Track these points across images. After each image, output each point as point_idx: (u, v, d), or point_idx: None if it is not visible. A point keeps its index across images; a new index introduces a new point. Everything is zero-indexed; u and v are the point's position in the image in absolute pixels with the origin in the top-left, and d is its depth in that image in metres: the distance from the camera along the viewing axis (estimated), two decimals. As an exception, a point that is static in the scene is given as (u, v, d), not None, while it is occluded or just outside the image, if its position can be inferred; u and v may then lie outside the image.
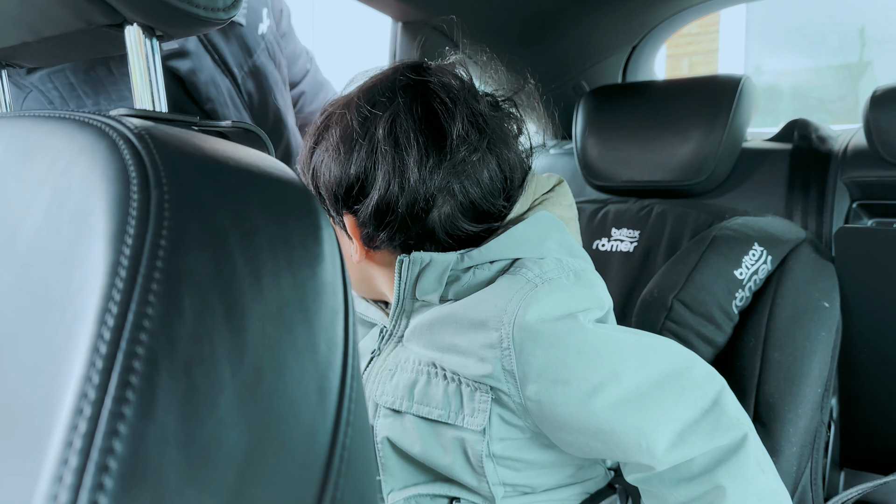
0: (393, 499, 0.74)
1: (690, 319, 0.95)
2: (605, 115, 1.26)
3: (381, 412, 0.73)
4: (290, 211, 0.36)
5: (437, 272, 0.70)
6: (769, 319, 0.95)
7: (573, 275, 0.72)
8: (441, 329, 0.70)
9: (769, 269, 0.98)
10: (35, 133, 0.37)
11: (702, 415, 0.66)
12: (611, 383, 0.65)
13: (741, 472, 0.65)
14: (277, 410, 0.31)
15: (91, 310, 0.27)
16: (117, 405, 0.26)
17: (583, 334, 0.66)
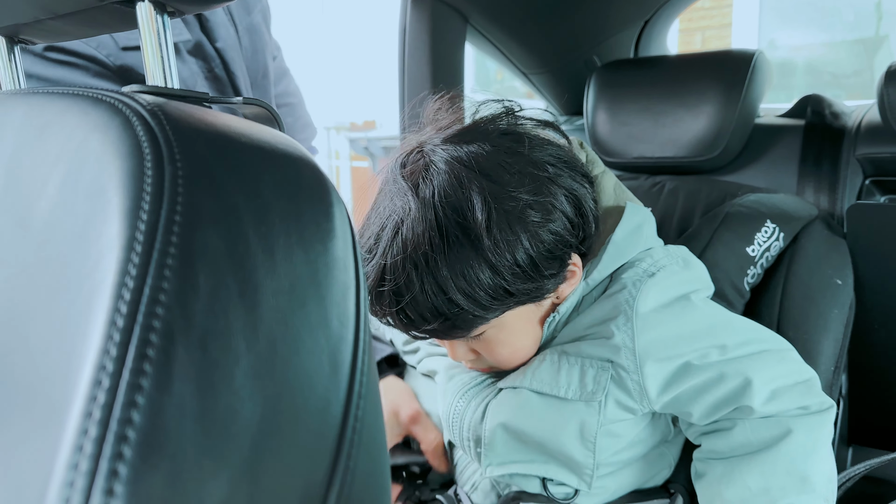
0: (490, 472, 0.79)
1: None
2: (616, 91, 1.25)
3: (500, 393, 0.78)
4: (302, 187, 0.36)
5: (574, 302, 0.77)
6: (782, 298, 0.95)
7: (681, 260, 0.80)
8: (573, 330, 0.76)
9: (781, 247, 0.98)
10: (49, 110, 0.38)
11: (796, 383, 0.72)
12: (717, 352, 0.71)
13: (816, 428, 0.70)
14: (291, 383, 0.31)
15: (107, 285, 0.28)
16: (135, 377, 0.26)
17: (695, 312, 0.74)
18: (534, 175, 0.69)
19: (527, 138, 0.72)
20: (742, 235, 0.96)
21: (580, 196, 0.72)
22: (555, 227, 0.69)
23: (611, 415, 0.73)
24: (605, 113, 1.25)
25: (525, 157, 0.69)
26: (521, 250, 0.66)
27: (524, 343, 0.77)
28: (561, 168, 0.72)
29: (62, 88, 0.40)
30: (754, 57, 1.15)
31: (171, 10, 0.42)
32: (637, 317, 0.71)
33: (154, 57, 0.43)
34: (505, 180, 0.66)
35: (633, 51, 1.53)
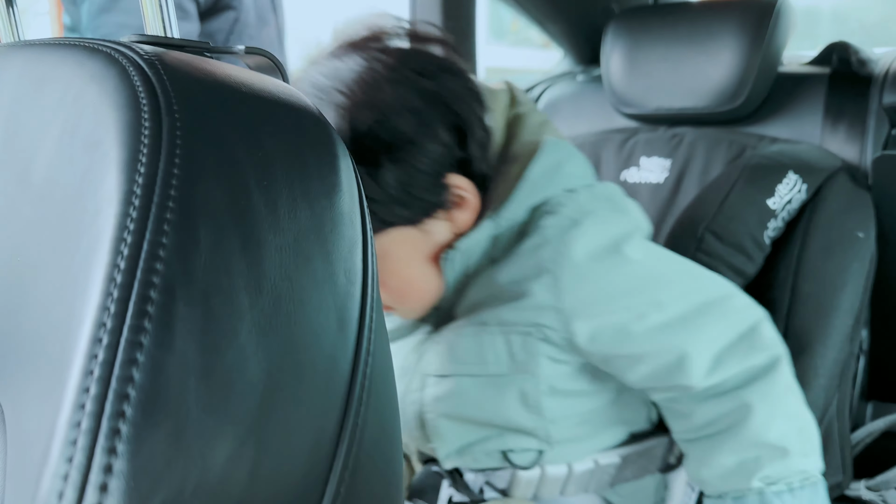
0: (449, 463, 0.77)
1: (721, 250, 0.93)
2: (634, 39, 1.21)
3: (428, 382, 0.74)
4: (306, 139, 0.35)
5: (481, 242, 0.72)
6: (800, 250, 0.93)
7: (607, 201, 0.74)
8: (489, 283, 0.72)
9: (804, 199, 0.96)
10: (46, 62, 0.36)
11: (738, 338, 0.69)
12: (654, 311, 0.68)
13: (770, 391, 0.68)
14: (297, 340, 0.30)
15: (106, 239, 0.27)
16: (135, 334, 0.26)
17: (627, 268, 0.69)
18: (401, 87, 0.66)
19: (405, 53, 0.70)
20: (762, 187, 0.94)
21: (462, 114, 0.68)
22: (422, 141, 0.66)
23: (547, 373, 0.70)
24: (623, 62, 1.22)
25: (396, 71, 0.66)
26: (379, 167, 0.65)
27: (413, 276, 0.72)
28: (441, 82, 0.68)
29: (59, 39, 0.39)
30: (777, 3, 1.11)
31: None
32: (563, 275, 0.67)
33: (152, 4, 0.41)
34: (368, 93, 0.65)
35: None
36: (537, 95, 1.47)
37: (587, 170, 0.78)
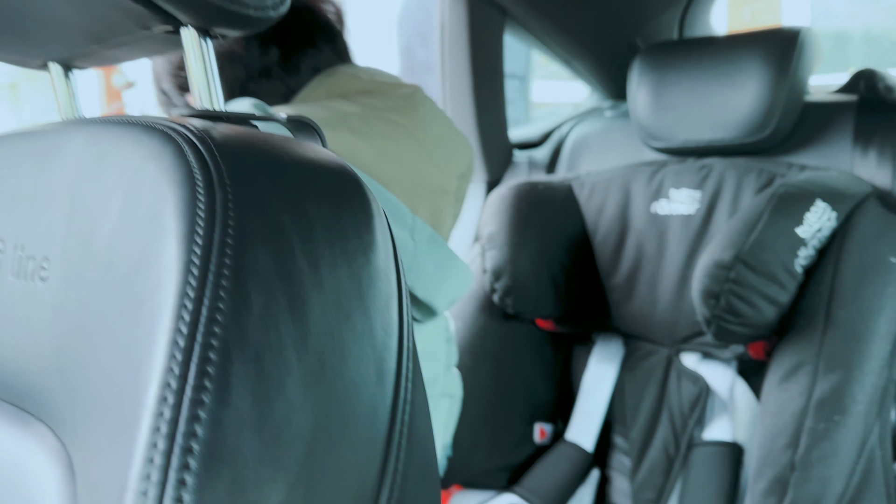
0: None
1: (753, 280, 0.94)
2: (660, 74, 1.24)
3: None
4: (344, 201, 0.38)
5: None
6: (833, 277, 0.93)
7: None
8: None
9: (834, 226, 0.96)
10: (107, 138, 0.40)
11: None
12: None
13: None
14: (340, 392, 0.33)
15: (168, 306, 0.30)
16: (197, 392, 0.28)
17: None
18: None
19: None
20: (791, 216, 0.95)
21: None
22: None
23: None
24: (649, 97, 1.24)
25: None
26: None
27: None
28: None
29: (117, 117, 0.42)
30: (801, 34, 1.12)
31: (213, 35, 0.44)
32: None
33: (200, 79, 0.45)
34: None
35: (678, 32, 1.51)
36: (566, 132, 1.49)
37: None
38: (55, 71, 0.54)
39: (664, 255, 1.17)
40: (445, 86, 1.38)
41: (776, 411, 0.92)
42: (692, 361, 1.15)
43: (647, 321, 1.18)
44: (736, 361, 1.11)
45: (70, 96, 0.55)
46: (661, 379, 1.17)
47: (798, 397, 0.90)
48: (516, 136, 1.55)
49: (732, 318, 0.96)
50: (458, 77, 1.35)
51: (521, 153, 1.53)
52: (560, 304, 1.22)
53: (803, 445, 0.87)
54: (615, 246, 1.23)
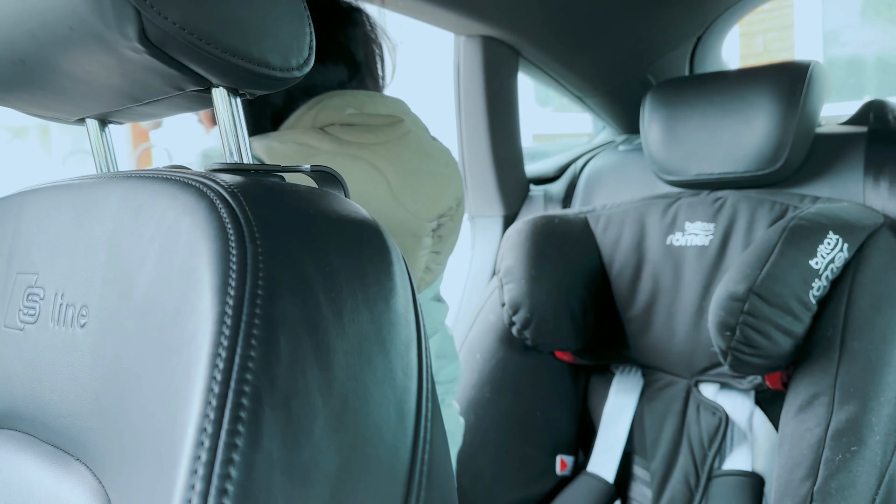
0: None
1: (767, 311, 0.95)
2: (672, 109, 1.26)
3: None
4: (365, 250, 0.40)
5: None
6: (847, 308, 0.94)
7: None
8: None
9: (846, 257, 0.97)
10: (143, 193, 0.43)
11: None
12: None
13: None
14: (363, 433, 0.35)
15: (204, 354, 0.32)
16: (231, 437, 0.31)
17: None
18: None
19: None
20: (804, 248, 0.96)
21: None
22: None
23: None
24: (662, 132, 1.26)
25: None
26: None
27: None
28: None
29: (152, 171, 0.45)
30: (810, 67, 1.14)
31: (242, 94, 0.47)
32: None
33: (230, 134, 0.48)
34: None
35: (688, 67, 1.53)
36: (581, 167, 1.52)
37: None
38: (91, 126, 0.57)
39: (680, 287, 1.18)
40: (461, 123, 1.41)
41: (794, 442, 0.92)
42: (711, 392, 1.15)
43: (665, 352, 1.19)
44: (754, 391, 1.12)
45: (105, 150, 0.58)
46: (680, 410, 1.18)
47: (815, 428, 0.90)
48: (532, 170, 1.58)
49: (748, 350, 0.97)
50: (473, 115, 1.39)
51: (537, 188, 1.55)
52: (578, 337, 1.23)
53: (822, 476, 0.87)
54: (632, 278, 1.24)
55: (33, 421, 0.47)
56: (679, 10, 1.35)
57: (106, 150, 0.59)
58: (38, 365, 0.46)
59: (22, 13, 0.43)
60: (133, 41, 0.40)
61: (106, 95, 0.50)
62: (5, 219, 0.54)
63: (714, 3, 1.36)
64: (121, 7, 0.38)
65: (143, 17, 0.39)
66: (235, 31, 0.42)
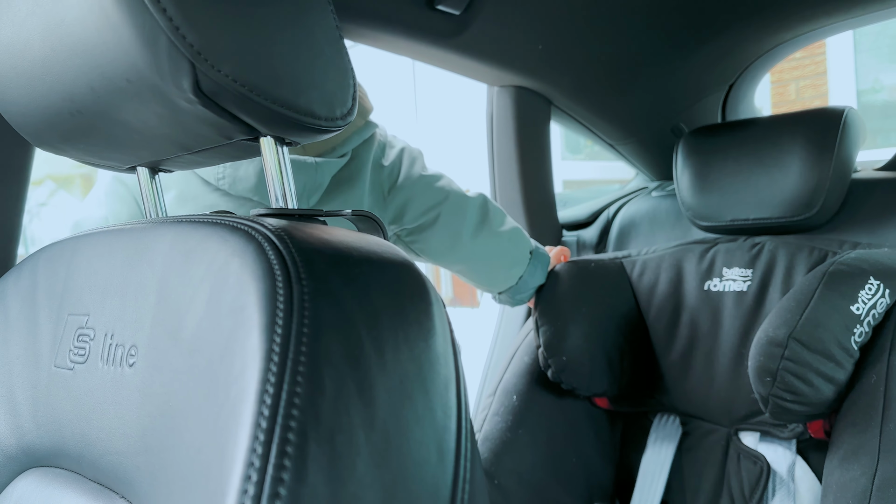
0: None
1: (808, 357, 0.94)
2: (706, 156, 1.26)
3: None
4: (405, 290, 0.41)
5: None
6: (890, 354, 0.92)
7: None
8: None
9: (888, 303, 0.95)
10: (194, 237, 0.44)
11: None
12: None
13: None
14: (404, 471, 0.35)
15: (251, 391, 0.33)
16: (277, 471, 0.31)
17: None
18: None
19: None
20: (845, 294, 0.95)
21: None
22: None
23: None
24: (695, 178, 1.26)
25: None
26: None
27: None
28: None
29: (201, 216, 0.47)
30: (844, 113, 1.14)
31: (288, 142, 0.49)
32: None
33: (276, 181, 0.49)
34: None
35: (721, 114, 1.54)
36: (614, 212, 1.52)
37: None
38: (142, 174, 0.60)
39: (719, 333, 1.17)
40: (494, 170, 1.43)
41: (839, 492, 0.89)
42: (752, 441, 1.13)
43: (705, 400, 1.17)
44: (795, 440, 1.09)
45: (155, 196, 0.61)
46: (720, 459, 1.15)
47: (861, 478, 0.88)
48: (565, 216, 1.59)
49: (789, 396, 0.95)
50: (505, 162, 1.41)
51: (570, 233, 1.56)
52: (615, 382, 1.22)
53: None
54: (669, 324, 1.23)
55: (80, 459, 0.48)
56: (711, 59, 1.36)
57: (155, 197, 0.61)
58: (87, 404, 0.48)
59: (82, 66, 0.46)
60: (187, 93, 0.42)
61: (158, 144, 0.52)
62: (59, 262, 0.56)
63: (745, 52, 1.37)
64: (176, 60, 0.41)
65: (198, 69, 0.41)
66: (284, 84, 0.44)
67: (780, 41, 1.34)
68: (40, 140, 0.56)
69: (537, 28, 1.16)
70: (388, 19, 1.04)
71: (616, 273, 1.29)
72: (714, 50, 1.33)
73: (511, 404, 1.24)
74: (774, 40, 1.34)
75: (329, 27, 0.47)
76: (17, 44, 0.49)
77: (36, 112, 0.52)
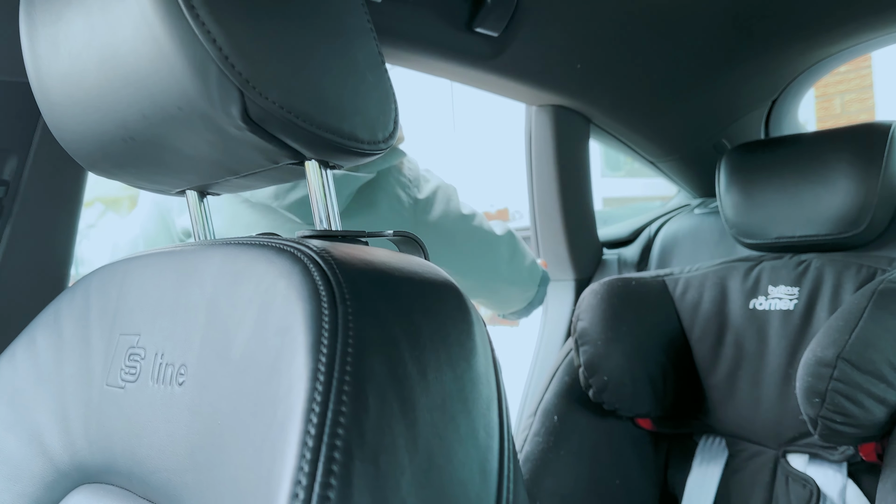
0: None
1: (858, 378, 0.91)
2: (749, 173, 1.25)
3: None
4: (447, 311, 0.42)
5: None
6: None
7: None
8: None
9: (941, 323, 0.93)
10: (242, 259, 0.45)
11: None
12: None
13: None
14: (448, 491, 0.36)
15: (299, 410, 0.34)
16: (324, 489, 0.32)
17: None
18: None
19: None
20: (895, 312, 0.92)
21: None
22: None
23: None
24: (739, 195, 1.25)
25: None
26: None
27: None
28: None
29: (248, 239, 0.48)
30: (892, 128, 1.12)
31: (332, 165, 0.50)
32: None
33: (321, 203, 0.50)
34: None
35: (764, 130, 1.52)
36: (656, 230, 1.51)
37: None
38: (191, 197, 0.61)
39: (765, 352, 1.15)
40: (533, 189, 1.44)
41: None
42: (800, 463, 1.10)
43: (751, 421, 1.15)
44: (846, 463, 1.06)
45: (203, 219, 0.62)
46: (768, 482, 1.13)
47: None
48: (605, 234, 1.58)
49: (839, 418, 0.93)
50: (545, 181, 1.41)
51: (611, 251, 1.55)
52: (658, 402, 1.20)
53: None
54: (713, 343, 1.21)
55: (130, 476, 0.50)
56: (753, 75, 1.35)
57: (204, 219, 0.63)
58: (137, 422, 0.49)
59: (135, 95, 0.47)
60: (236, 119, 0.43)
61: (207, 168, 0.54)
62: (111, 284, 0.58)
63: (788, 68, 1.35)
64: (226, 89, 0.42)
65: (247, 97, 0.42)
66: (329, 109, 0.45)
67: (823, 56, 1.32)
68: (94, 165, 0.58)
69: (576, 47, 1.17)
70: (427, 43, 1.06)
71: (658, 291, 1.28)
72: (757, 66, 1.32)
73: (552, 424, 1.23)
74: (818, 55, 1.32)
75: (372, 53, 0.48)
76: (74, 74, 0.51)
77: (90, 139, 0.54)
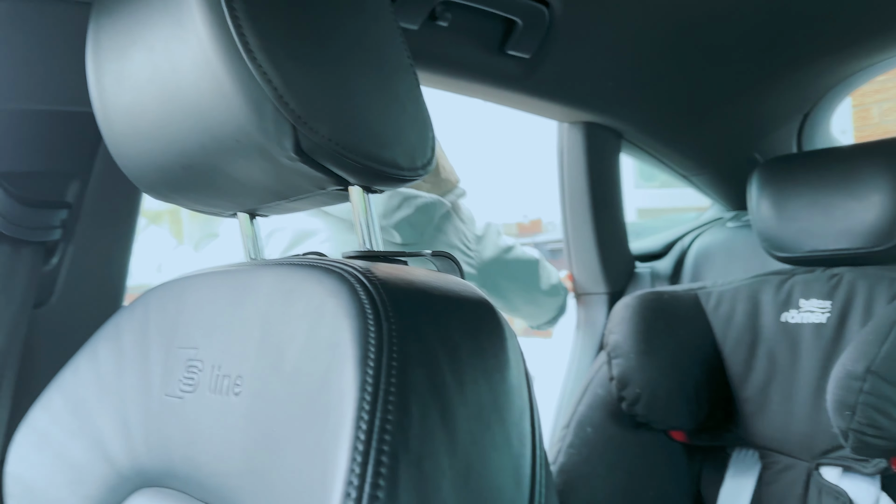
0: None
1: (889, 392, 0.92)
2: (782, 187, 1.25)
3: None
4: (482, 326, 0.45)
5: None
6: None
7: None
8: None
9: (975, 336, 0.93)
10: (293, 278, 0.49)
11: None
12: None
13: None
14: (485, 495, 0.39)
15: (349, 418, 0.37)
16: (373, 490, 0.35)
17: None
18: None
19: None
20: None
21: None
22: None
23: None
24: (772, 209, 1.25)
25: None
26: None
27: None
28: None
29: (297, 259, 0.52)
30: (925, 141, 1.13)
31: (374, 190, 0.54)
32: None
33: (363, 225, 0.54)
34: None
35: (796, 144, 1.52)
36: (688, 243, 1.52)
37: None
38: (242, 219, 0.66)
39: (798, 365, 1.16)
40: (565, 204, 1.46)
41: None
42: (833, 476, 1.10)
43: (784, 433, 1.16)
44: (879, 476, 1.06)
45: (254, 239, 0.66)
46: (801, 494, 1.13)
47: None
48: (638, 247, 1.59)
49: (871, 431, 0.93)
50: (577, 196, 1.43)
51: (644, 265, 1.56)
52: (692, 415, 1.21)
53: None
54: (746, 356, 1.22)
55: (188, 480, 0.53)
56: (785, 89, 1.36)
57: (254, 241, 0.67)
58: (195, 430, 0.53)
59: (194, 127, 0.52)
60: (289, 151, 0.47)
61: (258, 193, 0.58)
62: (169, 300, 0.62)
63: (821, 81, 1.36)
64: (280, 124, 0.46)
65: (299, 132, 0.46)
66: (372, 139, 0.49)
67: (856, 70, 1.33)
68: (152, 189, 0.62)
69: (608, 66, 1.19)
70: (459, 65, 1.09)
71: (691, 305, 1.29)
72: (789, 81, 1.33)
73: (586, 436, 1.25)
74: (851, 69, 1.33)
75: (412, 86, 0.52)
76: (137, 107, 0.55)
77: (150, 166, 0.58)
